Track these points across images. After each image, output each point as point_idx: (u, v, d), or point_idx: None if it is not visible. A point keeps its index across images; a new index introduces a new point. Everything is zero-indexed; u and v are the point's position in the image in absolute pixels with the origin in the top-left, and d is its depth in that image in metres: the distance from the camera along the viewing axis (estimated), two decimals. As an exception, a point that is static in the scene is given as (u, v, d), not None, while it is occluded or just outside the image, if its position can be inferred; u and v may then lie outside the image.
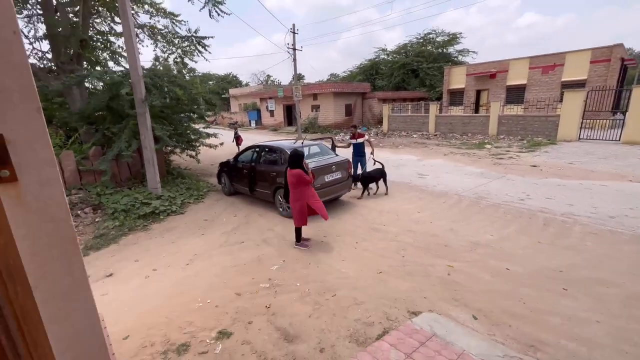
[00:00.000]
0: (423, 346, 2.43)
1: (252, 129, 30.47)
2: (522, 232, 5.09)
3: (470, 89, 22.39)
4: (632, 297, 3.38)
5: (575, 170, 8.84)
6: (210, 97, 9.05)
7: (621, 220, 5.29)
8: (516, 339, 2.87)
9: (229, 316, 3.35)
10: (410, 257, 4.47)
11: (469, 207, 6.40)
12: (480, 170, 9.49)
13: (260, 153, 6.93)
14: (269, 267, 4.37)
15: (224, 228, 5.95)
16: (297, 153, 4.59)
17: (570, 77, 18.08)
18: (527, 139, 14.73)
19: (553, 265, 4.06)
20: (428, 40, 30.21)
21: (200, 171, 10.80)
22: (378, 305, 3.40)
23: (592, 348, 2.73)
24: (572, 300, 3.38)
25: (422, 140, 17.04)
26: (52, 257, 0.88)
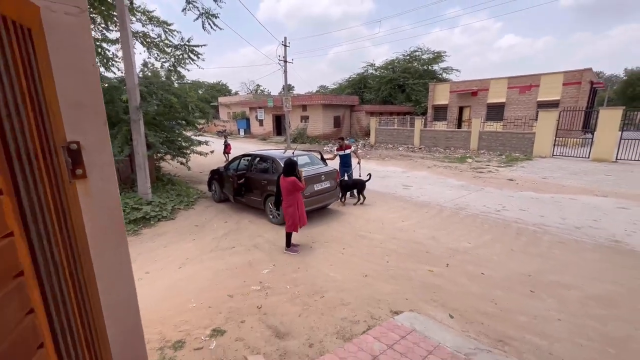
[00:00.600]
0: (403, 339, 2.68)
1: (240, 138, 30.57)
2: (497, 241, 5.48)
3: (454, 105, 23.41)
4: (590, 298, 3.76)
5: (548, 185, 9.45)
6: (203, 105, 9.23)
7: (585, 231, 5.78)
8: (487, 334, 3.17)
9: (222, 316, 3.51)
10: (394, 262, 4.75)
11: (450, 217, 6.78)
12: (461, 183, 10.00)
13: (251, 162, 7.15)
14: (259, 270, 4.55)
15: (215, 234, 6.09)
16: (291, 161, 4.85)
17: (545, 97, 19.26)
18: (505, 154, 15.54)
19: (523, 271, 4.43)
20: (414, 57, 31.48)
21: (189, 178, 10.86)
22: (363, 305, 3.64)
23: (552, 342, 3.05)
24: (538, 301, 3.73)
25: (407, 153, 17.64)
26: (106, 239, 1.10)
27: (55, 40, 0.90)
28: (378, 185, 9.75)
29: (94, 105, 1.03)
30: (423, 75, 29.66)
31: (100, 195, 1.07)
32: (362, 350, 2.47)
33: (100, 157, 1.07)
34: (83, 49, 0.98)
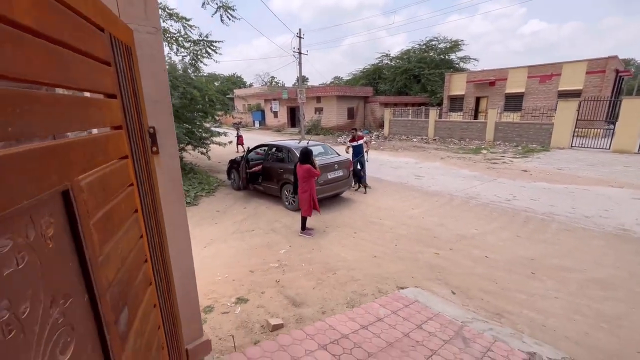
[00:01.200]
0: (406, 307, 3.01)
1: (256, 129, 31.12)
2: (504, 228, 5.67)
3: (470, 95, 22.99)
4: (590, 280, 3.95)
5: (562, 176, 9.41)
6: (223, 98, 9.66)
7: (595, 220, 5.86)
8: (486, 309, 3.45)
9: (245, 287, 3.93)
10: (402, 245, 5.04)
11: (459, 205, 6.98)
12: (473, 174, 10.07)
13: (268, 151, 7.54)
14: (277, 250, 4.95)
15: (235, 218, 6.54)
16: (307, 150, 5.20)
17: (566, 87, 18.66)
18: (522, 146, 15.32)
19: (527, 255, 4.64)
20: (430, 47, 30.85)
21: (209, 168, 11.40)
22: (371, 281, 3.98)
23: (547, 316, 3.30)
24: (538, 282, 3.96)
25: (421, 145, 17.63)
26: (172, 201, 1.47)
27: (141, 54, 1.25)
28: (390, 175, 9.98)
29: (164, 100, 1.38)
30: (439, 65, 29.09)
31: (167, 168, 1.43)
32: (368, 313, 2.81)
33: (167, 140, 1.42)
34: (158, 58, 1.33)
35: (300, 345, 2.19)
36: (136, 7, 1.25)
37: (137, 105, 1.16)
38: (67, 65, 0.66)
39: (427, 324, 2.74)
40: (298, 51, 20.18)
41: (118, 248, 0.84)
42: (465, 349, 2.45)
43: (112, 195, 0.83)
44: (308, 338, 2.30)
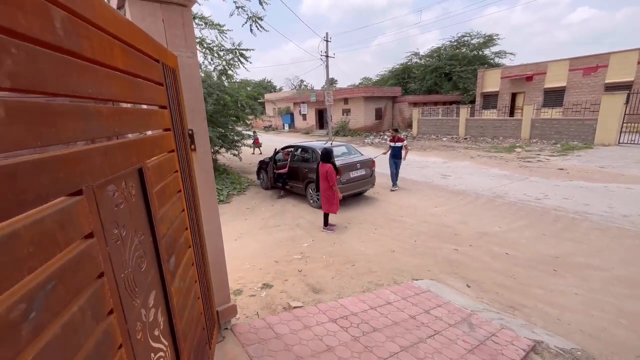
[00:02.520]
0: (417, 295, 3.20)
1: (285, 132, 32.02)
2: (529, 226, 5.56)
3: (505, 92, 21.97)
4: (616, 278, 3.85)
5: (603, 174, 8.84)
6: (252, 102, 10.27)
7: (633, 220, 5.55)
8: (500, 302, 3.52)
9: (270, 275, 4.32)
10: (421, 242, 5.17)
11: (484, 204, 6.89)
12: (504, 173, 9.77)
13: (294, 152, 7.96)
14: (300, 244, 5.30)
15: (263, 215, 7.01)
16: (327, 150, 5.53)
17: (614, 79, 17.26)
18: (561, 143, 14.44)
19: (551, 253, 4.57)
20: (462, 43, 29.83)
21: (240, 169, 12.11)
22: (388, 274, 4.18)
23: (563, 311, 3.31)
24: (559, 278, 3.93)
25: (451, 144, 17.21)
26: (206, 188, 1.85)
27: (182, 73, 1.64)
28: (416, 174, 9.98)
29: (200, 108, 1.77)
30: (472, 62, 28.02)
31: (202, 162, 1.82)
32: (379, 297, 3.05)
33: (202, 140, 1.81)
34: (195, 75, 1.71)
35: (313, 318, 2.49)
36: (179, 38, 1.64)
37: (180, 113, 1.54)
38: (140, 89, 1.03)
39: (435, 310, 2.92)
40: (325, 54, 20.61)
41: (168, 214, 1.21)
42: (470, 332, 2.60)
43: (164, 176, 1.20)
44: (320, 313, 2.60)
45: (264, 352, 1.90)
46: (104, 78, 0.79)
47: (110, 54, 0.83)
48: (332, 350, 2.05)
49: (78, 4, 0.67)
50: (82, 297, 0.59)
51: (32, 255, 0.48)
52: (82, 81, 0.67)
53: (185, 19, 1.65)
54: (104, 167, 0.74)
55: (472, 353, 2.30)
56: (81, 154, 0.64)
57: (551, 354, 2.60)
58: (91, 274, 0.63)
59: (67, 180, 0.59)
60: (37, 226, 0.49)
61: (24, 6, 0.51)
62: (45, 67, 0.55)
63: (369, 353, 2.08)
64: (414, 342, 2.31)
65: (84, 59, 0.69)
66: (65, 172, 0.58)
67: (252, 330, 2.19)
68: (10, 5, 0.48)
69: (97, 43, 0.75)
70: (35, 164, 0.50)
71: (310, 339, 2.14)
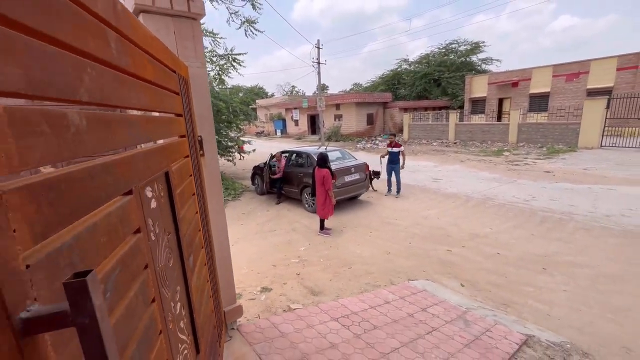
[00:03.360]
0: (413, 295, 3.30)
1: (277, 138, 32.08)
2: (519, 227, 5.76)
3: (492, 97, 22.58)
4: (602, 275, 4.03)
5: (587, 176, 9.19)
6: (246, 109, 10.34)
7: (616, 219, 5.81)
8: (493, 300, 3.65)
9: (269, 279, 4.36)
10: (415, 243, 5.29)
11: (475, 206, 7.09)
12: (493, 176, 10.04)
13: (289, 157, 8.04)
14: (297, 248, 5.36)
15: (259, 220, 7.05)
16: (324, 155, 5.63)
17: (595, 85, 17.96)
18: (546, 147, 14.91)
19: (539, 252, 4.75)
20: (450, 50, 30.61)
21: (234, 175, 12.11)
22: (384, 275, 4.28)
23: (553, 307, 3.46)
24: (548, 276, 4.09)
25: (441, 148, 17.56)
26: (213, 191, 1.92)
27: (192, 82, 1.72)
28: (408, 179, 10.16)
29: (207, 115, 1.85)
30: (460, 68, 28.78)
31: (209, 166, 1.89)
32: (377, 297, 3.14)
33: (210, 145, 1.89)
34: (203, 84, 1.80)
35: (315, 317, 2.56)
36: (189, 50, 1.72)
37: (192, 120, 1.62)
38: (163, 98, 1.11)
39: (432, 308, 3.03)
40: (317, 61, 20.86)
41: (187, 215, 1.28)
42: (465, 328, 2.71)
43: (183, 180, 1.28)
44: (322, 312, 2.67)
45: (271, 350, 1.96)
46: (140, 90, 0.87)
47: (143, 68, 0.92)
48: (336, 347, 2.12)
49: (123, 24, 0.76)
50: (136, 284, 0.67)
51: (105, 244, 0.56)
52: (128, 93, 0.76)
53: (195, 31, 1.74)
54: (144, 170, 0.82)
55: (468, 347, 2.41)
56: (130, 158, 0.73)
57: (542, 347, 2.73)
58: (140, 265, 0.71)
59: (123, 181, 0.67)
60: (107, 219, 0.57)
61: (91, 29, 0.59)
62: (107, 82, 0.64)
63: (371, 349, 2.16)
64: (413, 338, 2.40)
65: (128, 73, 0.78)
66: (122, 174, 0.66)
67: (257, 330, 2.25)
68: (84, 30, 0.57)
69: (135, 58, 0.84)
70: (104, 166, 0.59)
71: (314, 337, 2.21)
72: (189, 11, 1.68)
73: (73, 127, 0.50)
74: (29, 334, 0.36)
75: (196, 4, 1.68)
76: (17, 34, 0.39)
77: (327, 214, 5.74)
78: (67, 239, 0.45)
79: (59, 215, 0.43)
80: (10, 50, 0.38)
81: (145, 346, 0.68)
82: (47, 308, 0.37)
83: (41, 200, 0.40)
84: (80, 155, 0.52)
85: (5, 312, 0.33)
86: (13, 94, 0.38)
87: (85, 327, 0.36)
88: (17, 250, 0.36)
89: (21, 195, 0.37)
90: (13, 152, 0.37)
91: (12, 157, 0.36)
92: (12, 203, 0.36)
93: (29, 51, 0.41)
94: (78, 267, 0.46)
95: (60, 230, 0.44)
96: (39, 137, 0.41)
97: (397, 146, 8.34)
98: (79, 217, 0.48)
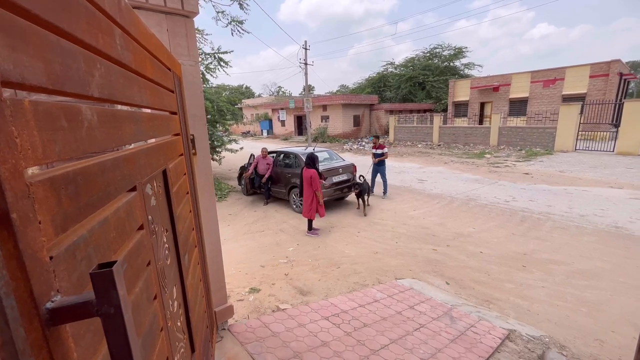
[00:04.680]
0: (401, 293, 3.37)
1: (264, 138, 31.85)
2: (500, 227, 5.97)
3: (475, 101, 23.26)
4: (576, 272, 4.24)
5: (563, 178, 9.62)
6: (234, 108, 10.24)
7: (589, 219, 6.11)
8: (476, 297, 3.78)
9: (257, 280, 4.34)
10: (402, 243, 5.39)
11: (459, 206, 7.29)
12: (475, 177, 10.35)
13: (276, 157, 8.01)
14: (285, 248, 5.36)
15: (246, 220, 6.99)
16: (312, 155, 5.64)
17: (570, 91, 18.81)
18: (525, 150, 15.50)
19: (519, 250, 4.94)
20: (434, 54, 31.34)
21: (220, 175, 11.95)
22: (372, 274, 4.34)
23: (532, 302, 3.61)
24: (527, 273, 4.26)
25: (426, 150, 17.93)
26: (205, 190, 1.91)
27: (185, 80, 1.71)
28: (394, 179, 10.32)
29: (200, 114, 1.84)
30: (444, 72, 29.52)
31: (202, 165, 1.88)
32: (366, 296, 3.19)
33: (202, 144, 1.87)
34: (197, 83, 1.79)
35: (306, 316, 2.58)
36: (182, 47, 1.71)
37: (185, 118, 1.61)
38: (161, 96, 1.11)
39: (419, 306, 3.10)
40: (304, 62, 20.88)
41: (182, 214, 1.28)
42: (451, 324, 2.80)
43: (179, 178, 1.28)
44: (313, 311, 2.69)
45: (263, 349, 1.96)
46: (142, 87, 0.87)
47: (144, 65, 0.92)
48: (327, 345, 2.15)
49: (127, 21, 0.76)
50: (140, 280, 0.67)
51: (115, 239, 0.56)
52: (132, 90, 0.76)
53: (189, 29, 1.73)
54: (146, 167, 0.81)
55: (454, 342, 2.48)
56: (134, 154, 0.73)
57: (523, 340, 2.85)
58: (144, 261, 0.71)
59: (129, 178, 0.67)
60: (116, 215, 0.58)
61: (101, 26, 0.60)
62: (114, 78, 0.64)
63: (361, 346, 2.20)
64: (401, 335, 2.46)
65: (131, 70, 0.78)
66: (128, 170, 0.66)
67: (249, 330, 2.24)
68: (94, 26, 0.57)
69: (137, 55, 0.84)
70: (114, 161, 0.59)
71: (305, 336, 2.23)
72: (183, 9, 1.67)
73: (86, 122, 0.50)
74: (54, 324, 0.36)
75: (190, 2, 1.67)
76: (39, 28, 0.40)
77: (313, 215, 5.76)
78: (84, 233, 0.45)
79: (77, 208, 0.44)
80: (33, 44, 0.38)
81: (149, 342, 0.68)
82: (71, 299, 0.37)
83: (61, 193, 0.41)
84: (92, 151, 0.52)
85: (34, 302, 0.34)
86: (36, 87, 0.39)
87: (110, 316, 0.37)
88: (42, 241, 0.36)
89: (45, 188, 0.38)
90: (38, 145, 0.37)
91: (37, 149, 0.37)
92: (38, 195, 0.36)
93: (49, 46, 0.42)
94: (93, 260, 0.47)
95: (78, 223, 0.44)
96: (59, 131, 0.42)
97: (380, 147, 8.36)
98: (93, 211, 0.48)
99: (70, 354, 0.39)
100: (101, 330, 0.38)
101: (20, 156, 0.34)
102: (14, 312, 0.31)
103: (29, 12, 0.38)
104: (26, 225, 0.34)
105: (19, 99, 0.34)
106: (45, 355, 0.35)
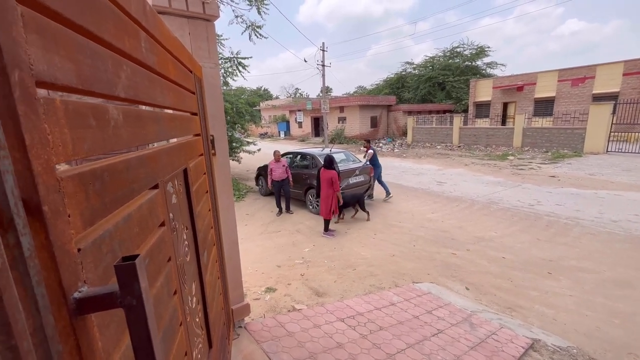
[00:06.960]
0: (418, 297, 3.30)
1: (281, 140, 32.18)
2: (524, 231, 5.73)
3: (497, 101, 22.52)
4: (607, 280, 4.00)
5: (593, 181, 9.13)
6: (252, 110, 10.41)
7: (622, 224, 5.76)
8: (498, 303, 3.64)
9: (273, 279, 4.37)
10: (420, 246, 5.29)
11: (480, 210, 7.07)
12: (498, 180, 10.00)
13: (293, 159, 8.07)
14: (302, 249, 5.37)
15: (263, 221, 7.07)
16: (331, 157, 5.67)
17: (601, 90, 17.86)
18: (551, 152, 14.83)
19: (545, 256, 4.72)
20: (455, 54, 30.59)
21: (238, 176, 12.17)
22: (389, 277, 4.28)
23: (558, 311, 3.44)
24: (554, 281, 4.07)
25: (445, 152, 17.53)
26: (224, 190, 1.95)
27: (206, 82, 1.76)
28: (412, 182, 10.16)
29: (219, 115, 1.88)
30: (465, 72, 28.75)
31: (221, 165, 1.92)
32: (383, 299, 3.14)
33: (221, 144, 1.91)
34: (216, 85, 1.83)
35: (321, 317, 2.57)
36: (203, 50, 1.76)
37: (205, 119, 1.65)
38: (183, 97, 1.14)
39: (437, 311, 3.02)
40: (322, 64, 20.95)
41: (201, 212, 1.31)
42: (471, 331, 2.71)
43: (199, 177, 1.31)
44: (328, 312, 2.68)
45: (279, 349, 1.97)
46: (164, 88, 0.90)
47: (166, 67, 0.95)
48: (343, 347, 2.13)
49: (151, 25, 0.79)
50: (161, 275, 0.69)
51: (138, 235, 0.58)
52: (155, 91, 0.79)
53: (209, 32, 1.78)
54: (167, 165, 0.84)
55: (474, 350, 2.40)
56: (156, 153, 0.75)
57: (549, 351, 2.71)
58: (165, 257, 0.73)
59: (152, 175, 0.69)
60: (140, 211, 0.60)
61: (127, 29, 0.62)
62: (139, 80, 0.66)
63: (377, 349, 2.17)
64: (419, 339, 2.40)
65: (155, 72, 0.81)
66: (151, 168, 0.69)
67: (264, 329, 2.26)
68: (121, 30, 0.59)
69: (160, 57, 0.87)
70: (139, 159, 0.61)
71: (320, 337, 2.22)
72: (204, 13, 1.72)
73: (113, 121, 0.52)
74: (81, 313, 0.38)
75: (211, 6, 1.72)
76: (70, 31, 0.42)
77: (331, 215, 5.75)
78: (109, 227, 0.47)
79: (103, 203, 0.46)
80: (64, 46, 0.40)
81: (169, 335, 0.70)
82: (97, 289, 0.39)
83: (89, 188, 0.43)
84: (118, 149, 0.54)
85: (62, 292, 0.36)
86: (67, 87, 0.41)
87: (133, 307, 0.38)
88: (71, 234, 0.38)
89: (74, 183, 0.39)
90: (68, 142, 0.39)
91: (67, 146, 0.39)
92: (68, 190, 0.38)
93: (79, 48, 0.44)
94: (117, 254, 0.49)
95: (104, 218, 0.46)
96: (87, 129, 0.44)
97: (367, 148, 8.02)
98: (118, 207, 0.50)
99: (95, 343, 0.41)
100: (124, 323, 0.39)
101: (52, 152, 0.36)
102: (45, 300, 0.33)
103: (61, 16, 0.40)
104: (56, 218, 0.36)
105: (51, 98, 0.36)
106: (72, 343, 0.36)
